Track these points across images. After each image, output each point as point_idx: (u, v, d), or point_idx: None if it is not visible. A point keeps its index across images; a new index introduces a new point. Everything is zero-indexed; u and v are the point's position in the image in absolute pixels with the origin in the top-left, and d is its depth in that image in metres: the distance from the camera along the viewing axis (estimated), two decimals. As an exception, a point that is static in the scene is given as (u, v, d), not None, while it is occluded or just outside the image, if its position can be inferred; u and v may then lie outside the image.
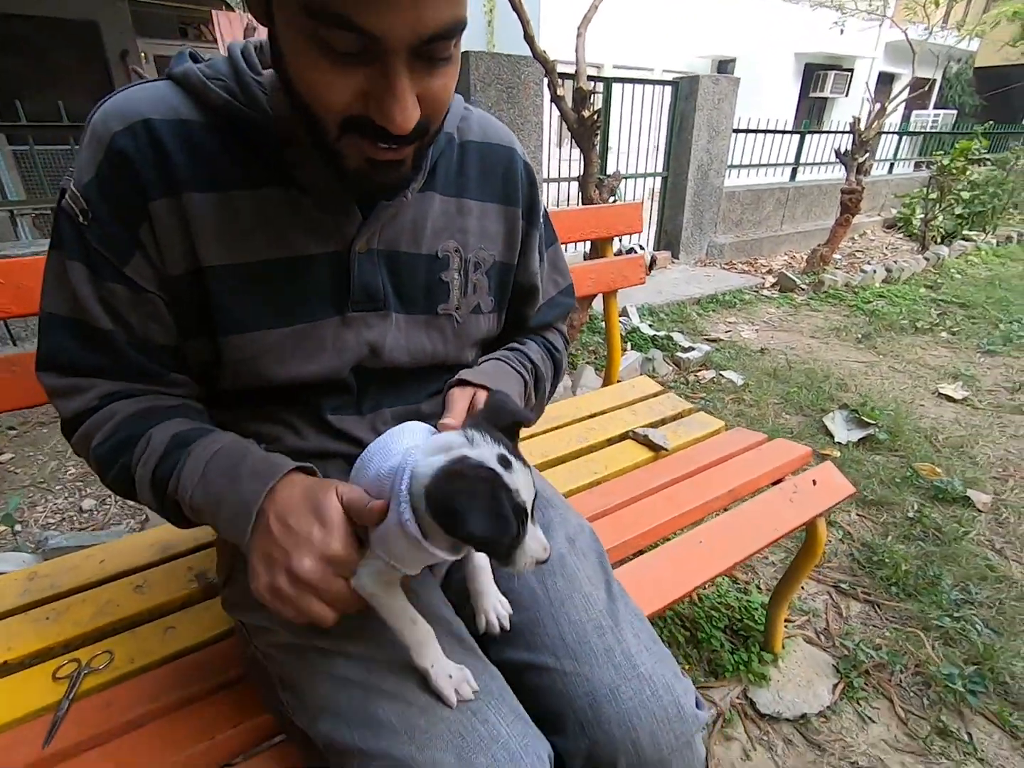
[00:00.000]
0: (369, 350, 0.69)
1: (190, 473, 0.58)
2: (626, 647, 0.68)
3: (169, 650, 0.83)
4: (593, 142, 2.61)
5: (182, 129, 0.59)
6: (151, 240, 0.60)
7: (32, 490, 2.20)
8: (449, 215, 0.72)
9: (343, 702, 0.59)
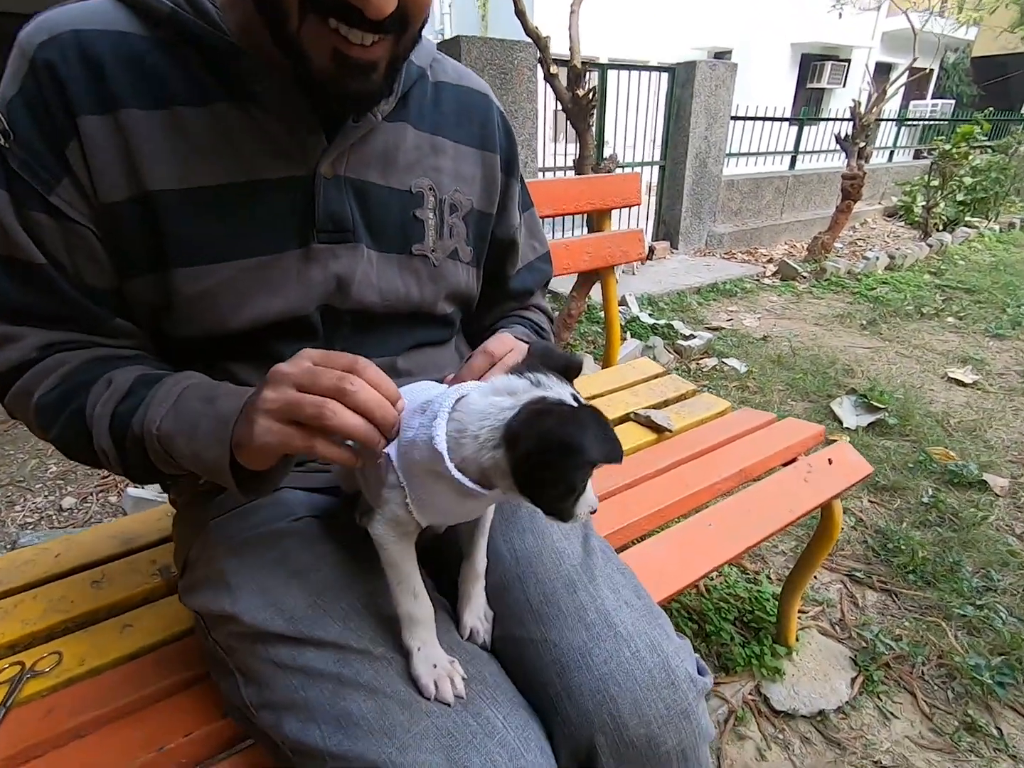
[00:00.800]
0: (336, 285, 0.63)
1: (160, 402, 0.53)
2: (601, 604, 0.60)
3: (125, 650, 0.75)
4: (588, 123, 2.53)
5: (120, 41, 0.53)
6: (80, 162, 0.53)
7: (11, 489, 2.12)
8: (422, 151, 0.68)
9: (312, 697, 0.51)
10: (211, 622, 0.61)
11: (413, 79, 0.66)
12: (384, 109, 0.62)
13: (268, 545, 0.60)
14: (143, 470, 0.58)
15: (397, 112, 0.65)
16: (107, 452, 0.56)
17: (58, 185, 0.53)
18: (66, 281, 0.56)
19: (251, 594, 0.57)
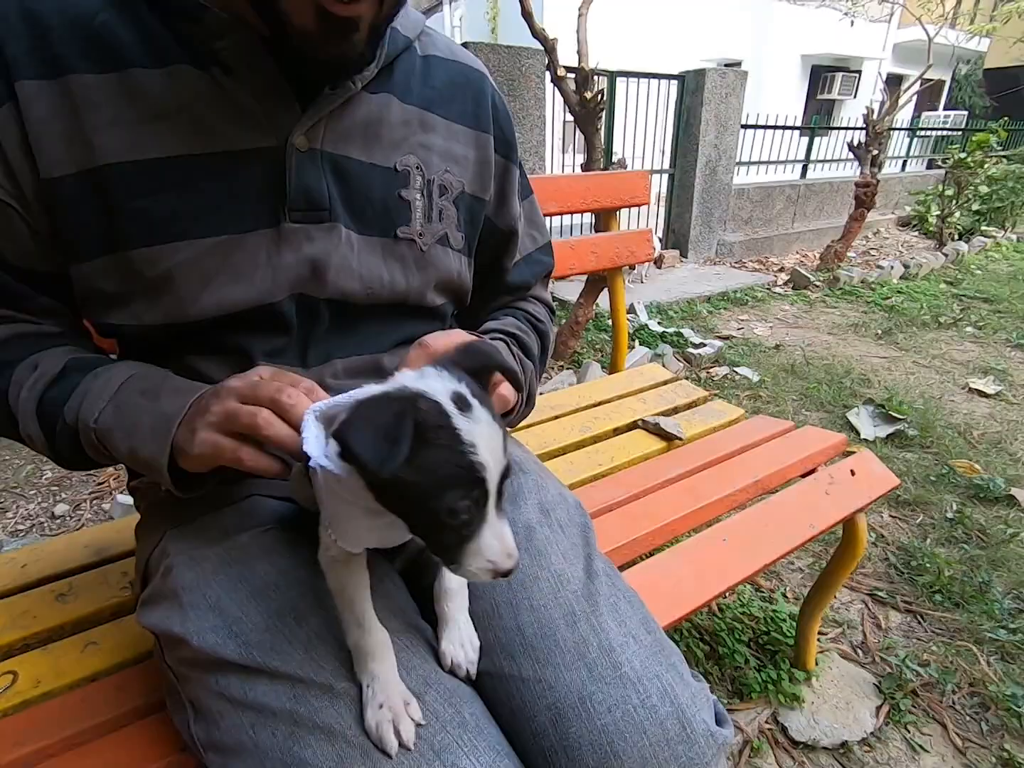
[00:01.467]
0: (311, 270, 0.57)
1: (98, 395, 0.51)
2: (605, 638, 0.52)
3: (85, 671, 0.69)
4: (597, 126, 2.49)
5: (71, 3, 0.48)
6: (14, 132, 0.47)
7: (4, 495, 2.07)
8: (410, 126, 0.62)
9: (263, 740, 0.45)
10: (165, 644, 0.55)
11: (399, 49, 0.60)
12: (365, 76, 0.56)
13: (229, 559, 0.54)
14: (74, 458, 0.55)
15: (381, 83, 0.59)
16: (34, 438, 0.54)
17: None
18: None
19: (203, 614, 0.50)
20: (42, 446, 0.54)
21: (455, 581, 0.55)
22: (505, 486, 0.39)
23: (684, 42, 9.23)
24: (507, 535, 0.39)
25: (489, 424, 0.37)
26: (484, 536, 0.38)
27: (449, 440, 0.35)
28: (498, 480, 0.38)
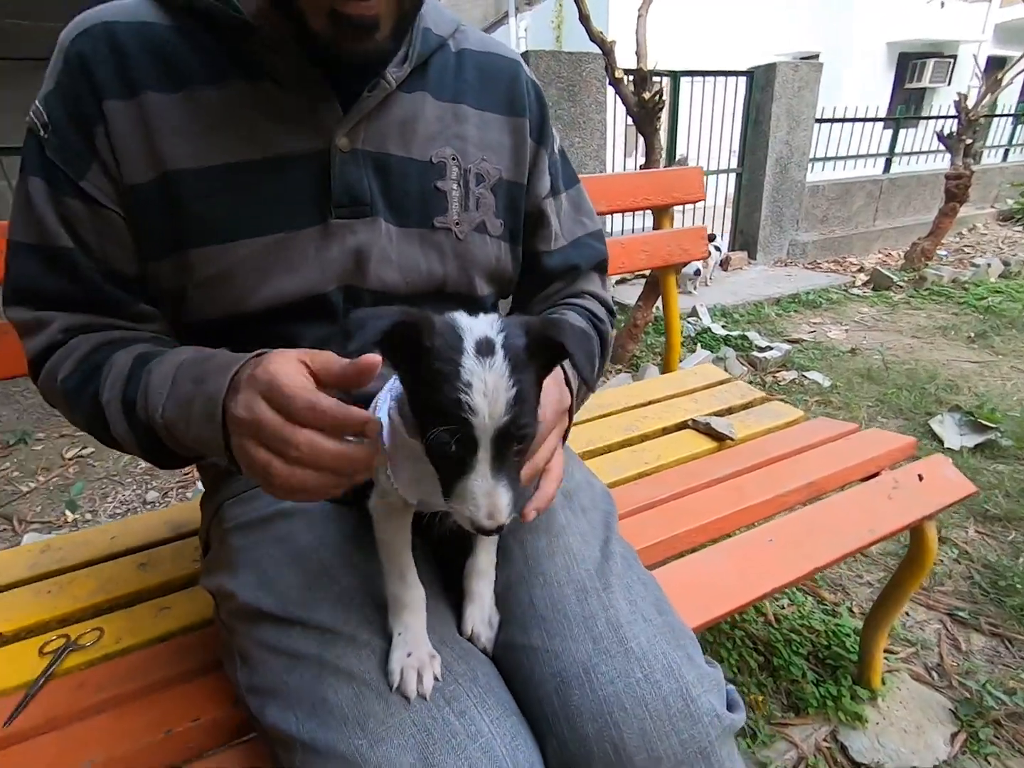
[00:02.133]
0: (354, 262, 0.60)
1: (157, 388, 0.51)
2: (613, 614, 0.53)
3: (158, 631, 0.76)
4: (656, 126, 2.46)
5: (144, 30, 0.55)
6: (107, 146, 0.55)
7: (105, 482, 2.31)
8: (444, 120, 0.65)
9: (293, 683, 0.49)
10: (219, 600, 0.61)
11: (432, 48, 0.63)
12: (398, 76, 0.60)
13: (273, 525, 0.59)
14: (162, 455, 0.56)
15: (415, 81, 0.63)
16: (125, 439, 0.56)
17: (88, 170, 0.55)
18: (93, 266, 0.57)
19: (249, 573, 0.56)
20: (133, 446, 0.56)
21: (484, 562, 0.57)
22: (510, 450, 0.40)
23: (755, 38, 8.92)
24: (497, 495, 0.39)
25: (499, 377, 0.38)
26: (469, 484, 0.39)
27: (448, 372, 0.37)
28: (493, 434, 0.38)
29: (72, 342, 0.58)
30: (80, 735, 0.60)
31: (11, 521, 2.06)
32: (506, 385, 0.38)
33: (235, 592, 0.55)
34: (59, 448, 2.55)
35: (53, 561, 0.90)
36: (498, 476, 0.39)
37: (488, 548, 0.57)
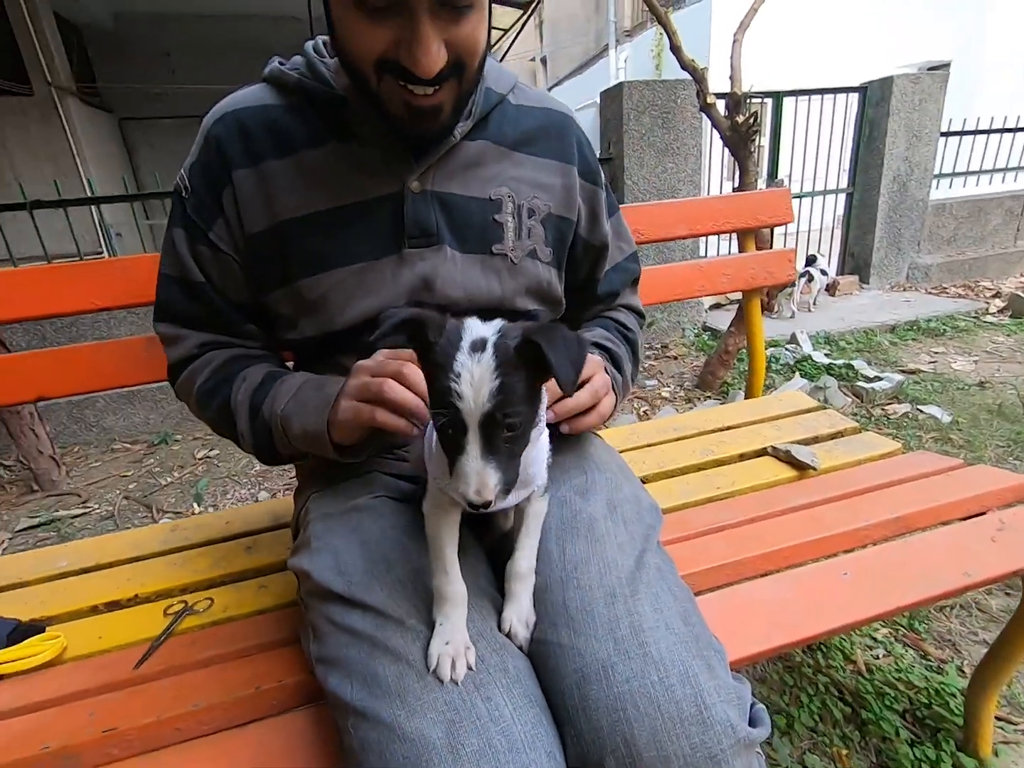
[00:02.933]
0: (423, 283, 0.72)
1: (285, 392, 0.69)
2: (637, 620, 0.55)
3: (256, 606, 0.87)
4: (750, 149, 2.41)
5: (264, 112, 0.72)
6: (232, 204, 0.70)
7: (226, 480, 2.60)
8: (502, 164, 0.76)
9: (351, 656, 0.56)
10: (300, 579, 0.70)
11: (492, 103, 0.75)
12: (462, 129, 0.72)
13: (347, 517, 0.68)
14: (267, 450, 0.73)
15: (477, 132, 0.74)
16: (244, 434, 0.73)
17: (215, 224, 0.71)
18: (216, 295, 0.74)
19: (324, 556, 0.64)
20: (248, 440, 0.73)
21: (524, 566, 0.61)
22: (499, 436, 0.45)
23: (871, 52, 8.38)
24: (486, 474, 0.45)
25: (485, 370, 0.44)
26: (461, 463, 0.46)
27: (443, 363, 0.45)
28: (480, 419, 0.44)
29: (207, 356, 0.76)
30: (191, 682, 0.71)
31: (151, 509, 2.38)
32: (490, 377, 0.44)
33: (312, 572, 0.63)
34: (191, 449, 2.92)
35: (179, 539, 1.06)
36: (487, 458, 0.45)
37: (527, 553, 0.61)
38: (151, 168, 7.02)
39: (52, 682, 0.75)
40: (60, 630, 0.83)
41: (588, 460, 0.74)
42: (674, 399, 2.97)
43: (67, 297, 1.04)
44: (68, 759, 0.63)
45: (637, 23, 11.90)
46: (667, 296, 1.36)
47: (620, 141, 3.54)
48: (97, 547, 1.05)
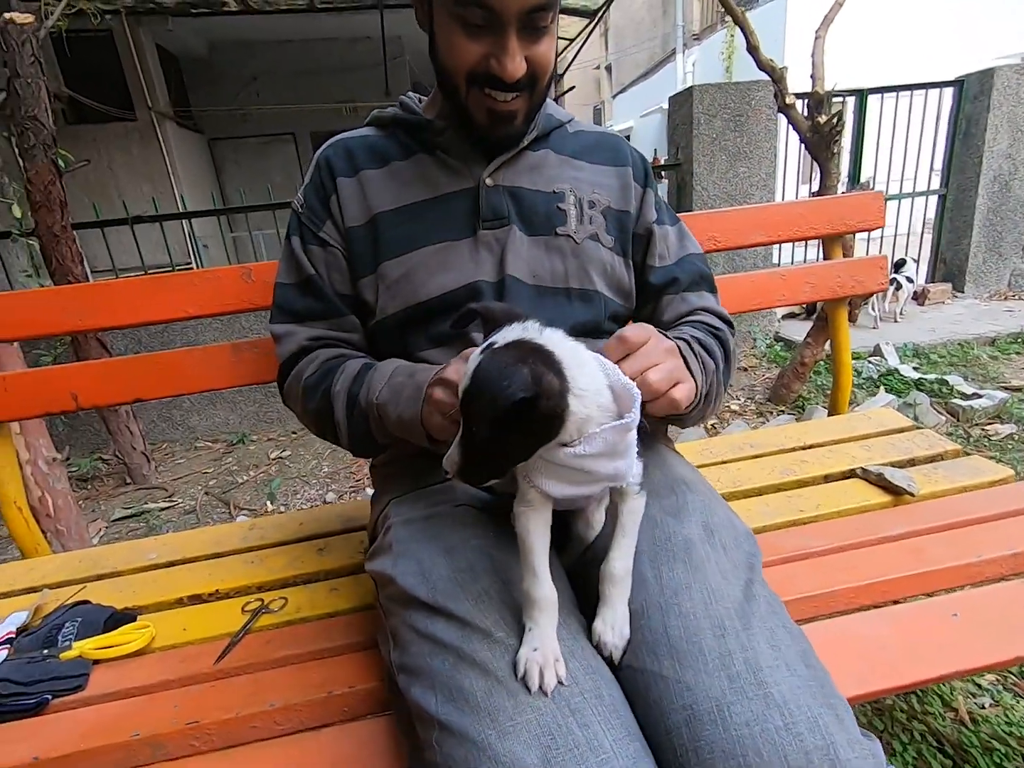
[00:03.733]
0: (496, 259, 0.80)
1: (378, 380, 0.74)
2: (752, 656, 0.51)
3: (328, 608, 0.89)
4: (832, 150, 2.28)
5: (364, 140, 0.87)
6: (337, 206, 0.83)
7: (297, 481, 2.71)
8: (563, 167, 0.85)
9: (435, 667, 0.55)
10: (379, 584, 0.70)
11: (553, 125, 0.86)
12: (526, 140, 0.82)
13: (430, 523, 0.67)
14: (362, 439, 0.77)
15: (540, 143, 0.85)
16: (340, 424, 0.77)
17: (324, 225, 0.83)
18: (324, 286, 0.83)
19: (407, 561, 0.64)
20: (344, 429, 0.77)
21: (619, 568, 0.58)
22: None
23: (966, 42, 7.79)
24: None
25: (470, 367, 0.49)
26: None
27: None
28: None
29: (315, 352, 0.83)
30: (266, 681, 0.73)
31: (228, 505, 2.51)
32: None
33: (395, 577, 0.63)
34: (266, 450, 3.06)
35: (257, 538, 1.10)
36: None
37: (624, 553, 0.58)
38: (236, 184, 7.52)
39: (141, 670, 0.79)
40: (149, 620, 0.88)
41: (676, 479, 0.72)
42: (744, 412, 2.84)
43: (163, 306, 1.11)
44: (156, 748, 0.66)
45: (706, 26, 11.63)
46: (744, 306, 1.29)
47: (689, 146, 3.45)
48: (183, 542, 1.11)
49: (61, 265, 2.39)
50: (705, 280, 0.91)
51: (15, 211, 2.57)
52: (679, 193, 3.66)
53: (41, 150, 2.23)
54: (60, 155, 2.34)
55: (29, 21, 2.13)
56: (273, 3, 5.36)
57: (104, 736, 0.67)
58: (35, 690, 0.73)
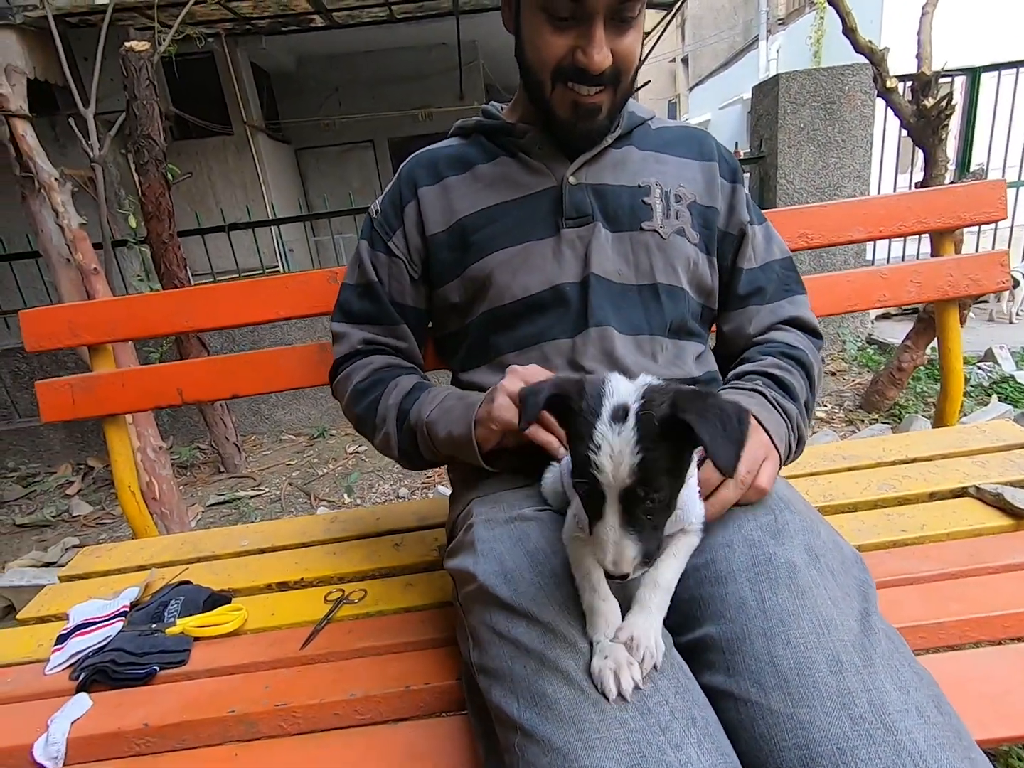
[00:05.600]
0: (580, 257, 0.79)
1: (431, 400, 0.78)
2: (877, 697, 0.46)
3: (405, 603, 0.91)
4: (940, 136, 2.08)
5: (448, 149, 0.89)
6: (414, 216, 0.85)
7: (372, 475, 2.81)
8: (647, 162, 0.84)
9: (517, 671, 0.54)
10: (459, 581, 0.70)
11: (636, 123, 0.86)
12: (609, 138, 0.82)
13: (513, 526, 0.67)
14: (410, 454, 0.82)
15: (623, 141, 0.84)
16: (390, 436, 0.81)
17: (394, 235, 0.86)
18: (383, 293, 0.87)
19: (489, 560, 0.63)
20: (393, 442, 0.81)
21: (665, 579, 0.55)
22: (639, 509, 0.45)
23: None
24: (623, 545, 0.44)
25: (626, 444, 0.43)
26: (599, 531, 0.46)
27: (584, 432, 0.44)
28: (619, 491, 0.43)
29: (366, 359, 0.86)
30: (348, 670, 0.76)
31: (310, 496, 2.65)
32: (631, 451, 0.42)
33: (476, 575, 0.63)
34: (344, 444, 3.21)
35: (338, 530, 1.15)
36: (626, 529, 0.44)
37: (672, 567, 0.56)
38: (319, 192, 7.93)
39: (235, 650, 0.84)
40: (241, 602, 0.94)
41: (771, 495, 0.67)
42: (832, 420, 2.66)
43: (258, 308, 1.18)
44: (249, 725, 0.70)
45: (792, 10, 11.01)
46: (838, 308, 1.21)
47: (774, 138, 3.27)
48: (273, 530, 1.18)
49: (168, 270, 2.62)
50: (792, 285, 0.88)
51: (131, 221, 2.84)
52: (762, 187, 3.48)
53: (153, 165, 2.45)
54: (168, 169, 2.56)
55: (145, 48, 2.34)
56: (356, 17, 5.60)
57: (203, 710, 0.72)
58: (145, 661, 0.80)
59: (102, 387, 1.20)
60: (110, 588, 1.01)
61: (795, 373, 0.76)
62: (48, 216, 2.37)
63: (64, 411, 1.20)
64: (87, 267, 2.31)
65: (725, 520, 0.63)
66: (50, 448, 3.44)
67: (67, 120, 2.47)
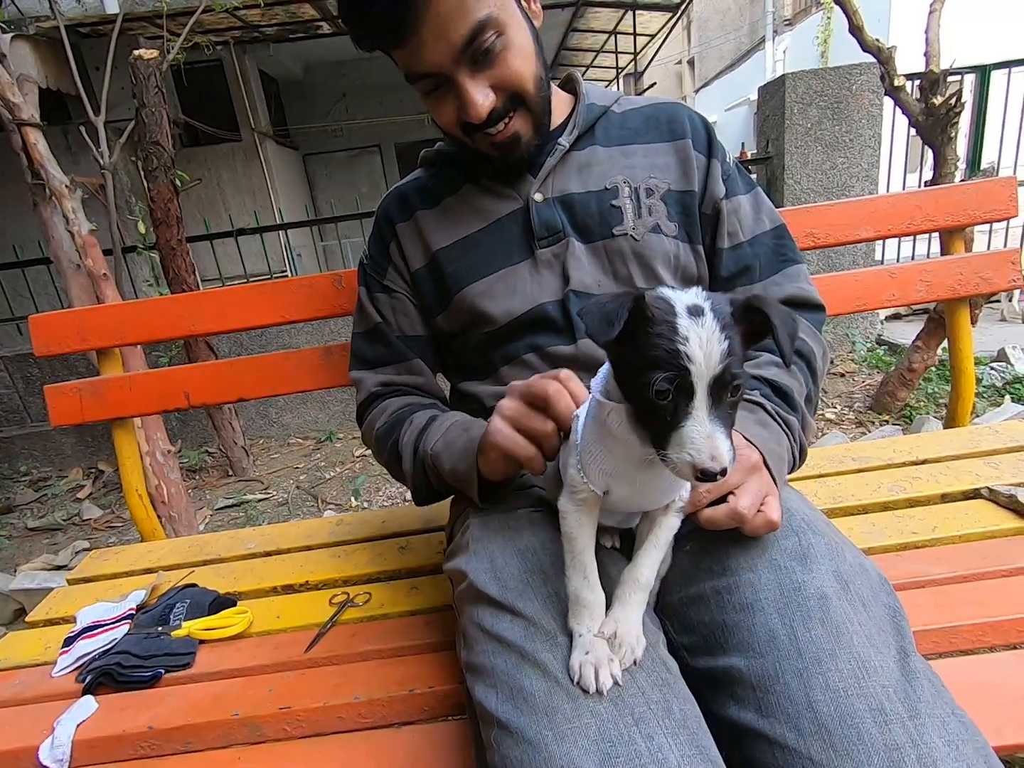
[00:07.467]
0: (559, 275, 0.79)
1: (435, 432, 0.76)
2: (927, 753, 0.44)
3: (409, 606, 0.91)
4: (949, 134, 2.06)
5: (416, 182, 0.90)
6: (398, 252, 0.87)
7: (379, 479, 2.82)
8: (613, 159, 0.81)
9: (498, 665, 0.55)
10: (455, 582, 0.70)
11: (596, 116, 0.83)
12: (569, 140, 0.80)
13: (507, 524, 0.67)
14: (424, 491, 0.81)
15: (585, 140, 0.82)
16: (408, 474, 0.80)
17: (387, 273, 0.88)
18: (391, 332, 0.88)
19: (481, 559, 0.64)
20: (410, 481, 0.80)
21: (645, 575, 0.55)
22: (725, 400, 0.43)
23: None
24: (717, 438, 0.41)
25: (712, 332, 0.42)
26: (688, 428, 0.42)
27: (665, 331, 0.42)
28: (710, 381, 0.41)
29: (383, 403, 0.87)
30: (352, 673, 0.76)
31: (317, 499, 2.66)
32: (719, 338, 0.41)
33: (467, 573, 0.64)
34: (351, 447, 3.22)
35: (343, 533, 1.15)
36: (715, 423, 0.42)
37: (651, 562, 0.55)
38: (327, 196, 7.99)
39: (240, 653, 0.84)
40: (247, 605, 0.94)
41: (792, 516, 0.64)
42: (841, 422, 2.63)
43: (264, 311, 1.19)
44: (253, 728, 0.70)
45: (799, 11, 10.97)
46: (846, 307, 1.19)
47: (781, 138, 3.26)
48: (278, 533, 1.18)
49: (177, 275, 2.64)
50: (786, 254, 0.84)
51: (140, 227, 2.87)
52: (769, 188, 3.46)
53: (162, 172, 2.47)
54: (177, 175, 2.58)
55: (154, 56, 2.37)
56: (362, 23, 5.64)
57: (208, 712, 0.72)
58: (151, 664, 0.80)
59: (110, 391, 1.21)
60: (117, 591, 1.02)
61: (794, 369, 0.74)
62: (59, 223, 2.39)
63: (73, 415, 1.21)
64: (97, 273, 2.33)
65: (747, 542, 0.60)
66: (62, 452, 3.48)
67: (79, 129, 2.50)
